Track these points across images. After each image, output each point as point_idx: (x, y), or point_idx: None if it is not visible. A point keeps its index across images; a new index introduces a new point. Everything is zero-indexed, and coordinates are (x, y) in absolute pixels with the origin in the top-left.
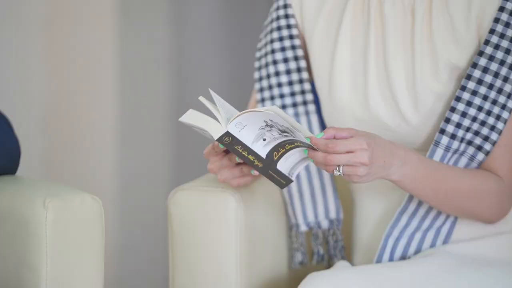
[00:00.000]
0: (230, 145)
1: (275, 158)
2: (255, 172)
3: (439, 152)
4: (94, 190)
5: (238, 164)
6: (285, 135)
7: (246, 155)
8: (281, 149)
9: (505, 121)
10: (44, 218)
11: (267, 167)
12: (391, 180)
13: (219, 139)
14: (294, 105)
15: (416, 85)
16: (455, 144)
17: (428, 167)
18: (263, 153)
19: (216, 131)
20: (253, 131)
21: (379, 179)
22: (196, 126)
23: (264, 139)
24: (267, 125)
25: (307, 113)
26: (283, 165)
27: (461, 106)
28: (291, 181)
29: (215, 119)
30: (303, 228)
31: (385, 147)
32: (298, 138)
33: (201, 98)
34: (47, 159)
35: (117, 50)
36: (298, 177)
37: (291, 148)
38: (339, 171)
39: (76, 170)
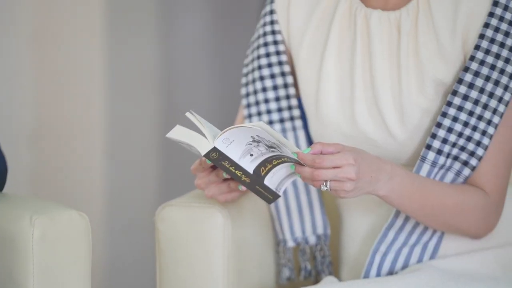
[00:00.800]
0: (217, 160)
1: (262, 174)
2: (243, 188)
3: (426, 167)
4: (82, 206)
5: (226, 179)
6: (272, 151)
7: (234, 170)
8: (268, 164)
9: (491, 137)
10: (31, 235)
11: (255, 182)
12: (378, 195)
13: (206, 155)
14: (281, 120)
15: (403, 100)
16: (442, 159)
17: (415, 182)
18: (250, 168)
19: (203, 146)
20: (240, 147)
21: (366, 194)
22: (183, 142)
23: (251, 155)
24: (254, 141)
25: (294, 128)
26: (271, 180)
27: (447, 122)
28: (278, 196)
29: (202, 135)
30: (291, 243)
31: (372, 162)
32: (285, 154)
33: (188, 114)
34: (34, 175)
35: (106, 65)
36: (285, 192)
37: (278, 164)
38: (326, 186)
39: (64, 186)
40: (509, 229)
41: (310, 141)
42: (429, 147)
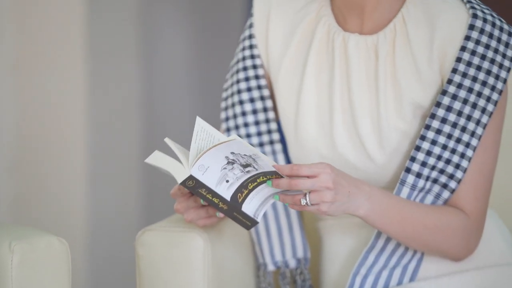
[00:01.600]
0: (194, 188)
1: (240, 200)
2: (220, 214)
3: (405, 190)
4: (64, 232)
5: (204, 205)
6: (247, 171)
7: (211, 198)
8: (244, 190)
9: (469, 159)
10: (10, 261)
11: (232, 209)
12: (359, 214)
13: (183, 183)
14: (261, 144)
15: (381, 124)
16: (421, 182)
17: (394, 202)
18: (227, 195)
19: (180, 174)
20: (215, 173)
21: (346, 213)
22: (161, 168)
23: (227, 181)
24: (228, 163)
25: (273, 152)
26: (248, 206)
27: (426, 145)
28: (256, 222)
29: (180, 161)
30: (271, 267)
31: (350, 178)
32: (261, 168)
33: (166, 140)
34: (16, 202)
35: (87, 90)
36: (265, 215)
37: (254, 187)
38: (306, 199)
39: (45, 212)
40: (489, 251)
41: None
42: (408, 170)
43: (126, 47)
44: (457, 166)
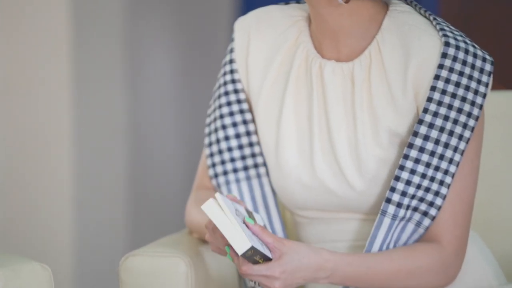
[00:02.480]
0: (251, 256)
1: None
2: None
3: (387, 221)
4: (49, 259)
5: None
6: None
7: (261, 261)
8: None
9: (448, 186)
10: None
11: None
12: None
13: (243, 254)
14: (245, 168)
15: (359, 151)
16: (402, 212)
17: (362, 266)
18: (269, 253)
19: (238, 243)
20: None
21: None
22: (216, 224)
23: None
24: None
25: (258, 175)
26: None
27: (405, 175)
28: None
29: (232, 221)
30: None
31: (307, 268)
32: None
33: (217, 196)
34: (1, 228)
35: (73, 116)
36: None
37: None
38: (254, 282)
39: (31, 239)
40: (471, 275)
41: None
42: (388, 200)
43: (111, 69)
44: (437, 193)
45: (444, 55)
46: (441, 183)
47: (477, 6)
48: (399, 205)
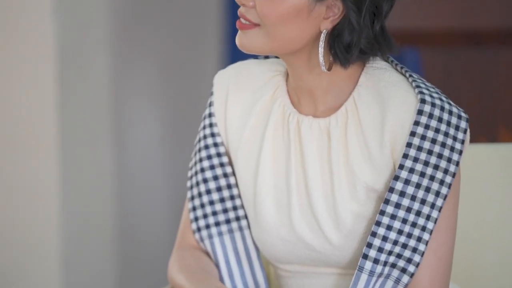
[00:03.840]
0: None
1: None
2: None
3: (364, 277)
4: None
5: None
6: None
7: None
8: None
9: (426, 243)
10: None
11: None
12: None
13: None
14: (227, 221)
15: (336, 206)
16: (379, 268)
17: None
18: None
19: None
20: None
21: None
22: None
23: None
24: None
25: (240, 228)
26: None
27: (381, 231)
28: None
29: None
30: None
31: None
32: None
33: None
34: None
35: (60, 178)
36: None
37: None
38: None
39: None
40: None
41: None
42: (365, 256)
43: (99, 130)
44: (414, 250)
45: (420, 112)
46: (419, 239)
47: (459, 60)
48: (376, 261)
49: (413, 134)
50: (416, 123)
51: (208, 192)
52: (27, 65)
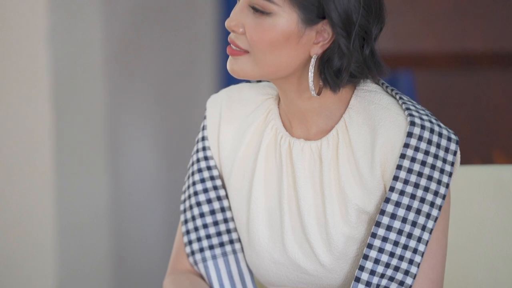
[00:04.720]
0: None
1: None
2: None
3: None
4: None
5: None
6: None
7: None
8: None
9: (418, 265)
10: None
11: None
12: None
13: None
14: (221, 244)
15: (328, 228)
16: None
17: None
18: None
19: None
20: None
21: None
22: None
23: None
24: None
25: (234, 251)
26: None
27: (373, 253)
28: None
29: None
30: None
31: None
32: None
33: None
34: None
35: (55, 204)
36: None
37: None
38: None
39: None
40: None
41: None
42: (358, 279)
43: (94, 156)
44: (407, 272)
45: (409, 134)
46: (411, 262)
47: (452, 82)
48: (368, 284)
49: (403, 156)
50: (406, 145)
51: (202, 215)
52: (22, 91)
